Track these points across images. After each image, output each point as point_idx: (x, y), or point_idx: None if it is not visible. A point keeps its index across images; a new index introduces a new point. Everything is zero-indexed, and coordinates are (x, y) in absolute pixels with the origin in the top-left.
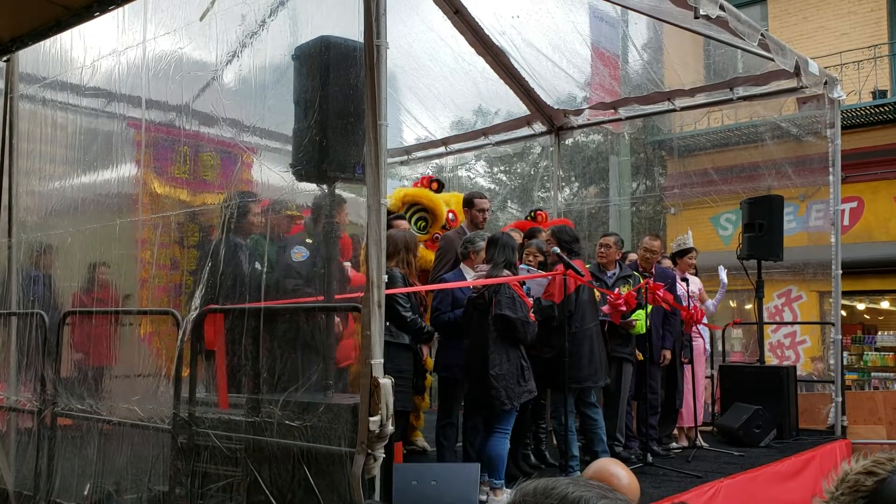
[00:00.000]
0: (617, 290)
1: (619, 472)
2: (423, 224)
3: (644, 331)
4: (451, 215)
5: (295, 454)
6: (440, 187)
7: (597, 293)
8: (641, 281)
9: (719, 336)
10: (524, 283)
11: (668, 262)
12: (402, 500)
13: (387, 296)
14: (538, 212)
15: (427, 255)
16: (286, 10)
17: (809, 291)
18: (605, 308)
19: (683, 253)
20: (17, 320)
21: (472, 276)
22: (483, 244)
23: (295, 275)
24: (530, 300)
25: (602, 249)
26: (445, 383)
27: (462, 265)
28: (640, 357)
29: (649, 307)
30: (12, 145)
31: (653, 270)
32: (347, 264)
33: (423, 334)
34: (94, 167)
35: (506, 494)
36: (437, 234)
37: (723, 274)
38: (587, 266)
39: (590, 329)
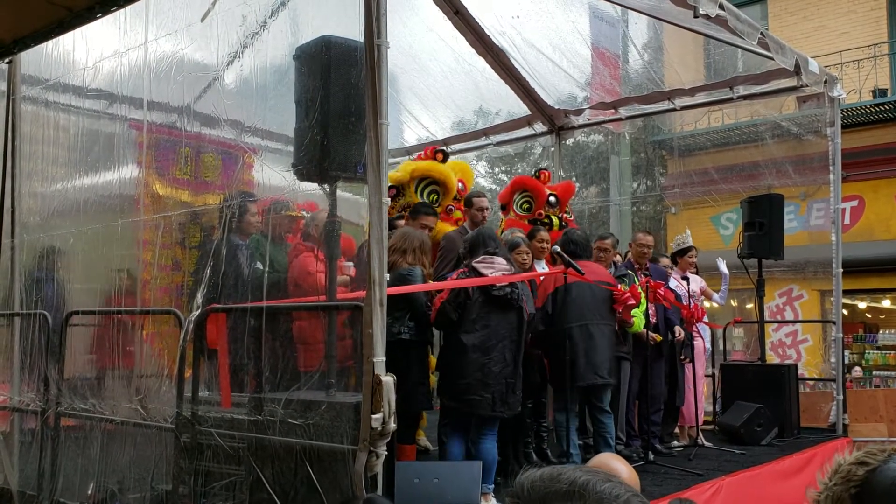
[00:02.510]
0: (620, 287)
1: (618, 466)
2: (436, 197)
3: (641, 329)
4: (460, 185)
5: (297, 452)
6: (445, 158)
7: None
8: (637, 279)
9: (720, 335)
10: None
11: (666, 261)
12: (405, 498)
13: (412, 295)
14: (542, 171)
15: (443, 227)
16: (287, 11)
17: (811, 290)
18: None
19: (683, 252)
20: (21, 321)
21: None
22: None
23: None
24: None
25: (602, 254)
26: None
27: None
28: (658, 338)
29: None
30: (14, 147)
31: (647, 266)
32: (349, 263)
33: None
34: (96, 169)
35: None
36: (450, 206)
37: (722, 265)
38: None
39: (585, 327)
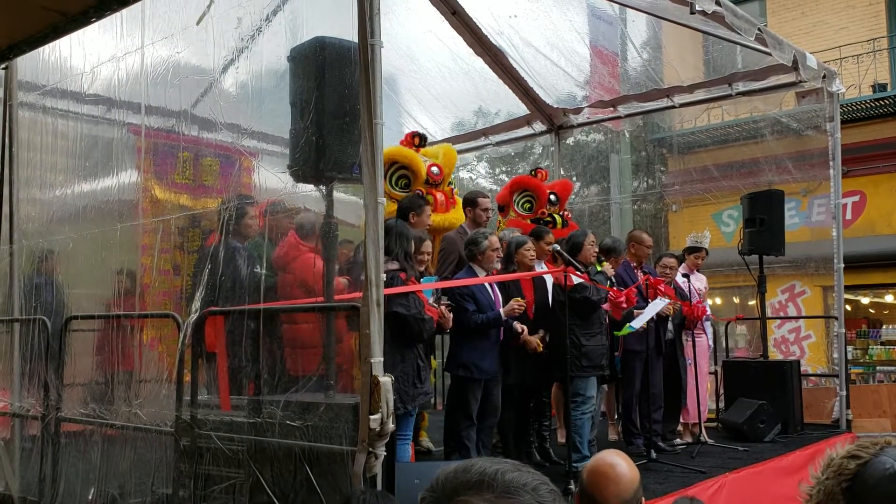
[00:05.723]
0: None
1: (616, 461)
2: (405, 182)
3: (627, 332)
4: (434, 169)
5: (297, 454)
6: (423, 141)
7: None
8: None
9: (722, 332)
10: None
11: (672, 261)
12: (406, 499)
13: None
14: (539, 169)
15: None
16: (282, 13)
17: (813, 286)
18: (605, 305)
19: (692, 251)
20: (20, 326)
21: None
22: (486, 242)
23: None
24: (426, 296)
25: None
26: (461, 382)
27: (470, 265)
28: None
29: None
30: (12, 153)
31: (643, 266)
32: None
33: None
34: (95, 174)
35: None
36: (418, 191)
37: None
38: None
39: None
